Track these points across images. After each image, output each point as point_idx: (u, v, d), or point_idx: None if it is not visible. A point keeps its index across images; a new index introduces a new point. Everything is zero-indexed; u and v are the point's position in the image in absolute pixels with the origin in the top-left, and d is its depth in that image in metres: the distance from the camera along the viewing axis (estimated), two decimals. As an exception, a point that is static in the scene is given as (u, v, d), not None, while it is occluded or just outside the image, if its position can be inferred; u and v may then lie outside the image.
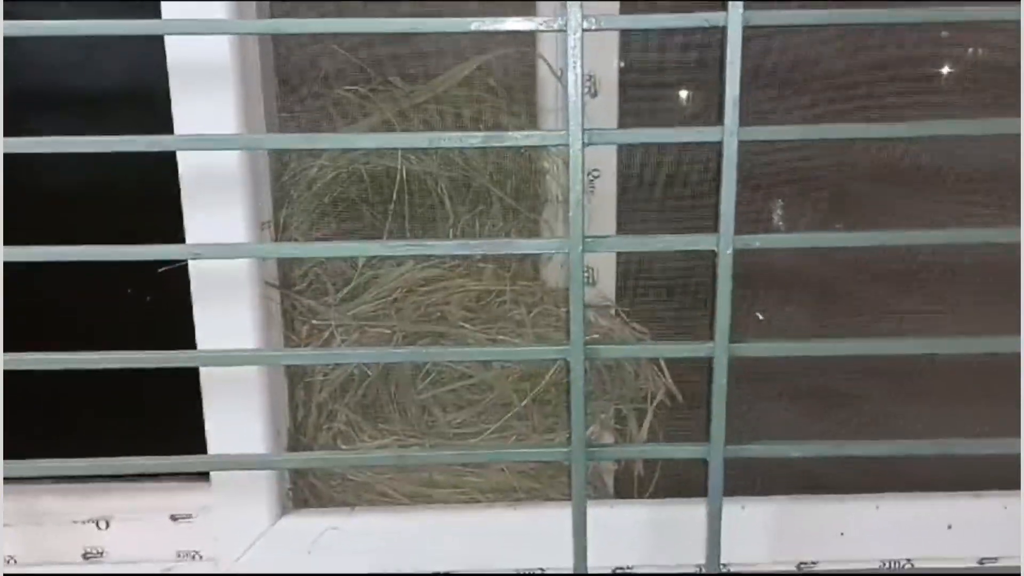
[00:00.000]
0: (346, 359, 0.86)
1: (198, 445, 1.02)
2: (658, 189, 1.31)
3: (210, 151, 0.90)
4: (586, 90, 1.21)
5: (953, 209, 1.27)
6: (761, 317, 1.34)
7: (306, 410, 1.20)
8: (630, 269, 1.33)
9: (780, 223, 1.31)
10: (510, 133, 0.70)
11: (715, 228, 0.82)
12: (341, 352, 0.81)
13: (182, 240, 0.91)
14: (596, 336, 1.20)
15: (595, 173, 1.24)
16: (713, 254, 0.81)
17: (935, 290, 1.32)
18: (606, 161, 1.25)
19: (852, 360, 1.30)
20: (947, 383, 1.28)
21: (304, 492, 1.20)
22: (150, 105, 0.92)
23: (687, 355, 0.86)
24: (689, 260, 1.35)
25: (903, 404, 1.36)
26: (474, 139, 0.71)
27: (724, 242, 0.80)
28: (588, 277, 1.26)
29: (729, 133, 0.73)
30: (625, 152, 1.24)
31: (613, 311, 1.28)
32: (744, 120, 0.70)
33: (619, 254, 1.27)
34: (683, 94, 1.25)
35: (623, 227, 1.25)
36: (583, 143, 0.71)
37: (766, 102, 1.24)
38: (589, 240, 0.73)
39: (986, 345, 0.79)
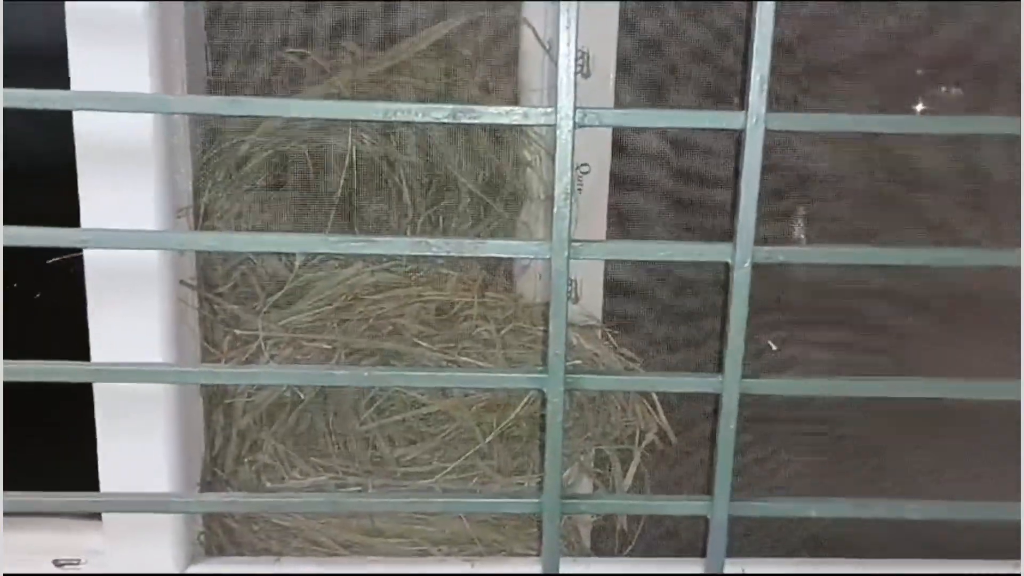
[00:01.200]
0: (273, 380, 0.80)
1: (90, 476, 0.99)
2: (659, 190, 1.27)
3: (114, 117, 0.84)
4: (577, 69, 1.20)
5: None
6: (775, 347, 1.31)
7: (225, 438, 1.17)
8: (619, 283, 1.30)
9: (801, 235, 1.28)
10: (486, 108, 0.65)
11: (729, 237, 0.78)
12: (268, 370, 0.76)
13: (78, 225, 0.89)
14: (578, 362, 1.17)
15: (584, 168, 1.21)
16: (726, 268, 0.77)
17: (984, 317, 1.30)
18: (597, 154, 1.22)
19: (882, 402, 1.27)
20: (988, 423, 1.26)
21: (219, 536, 1.17)
22: (49, 66, 0.90)
23: (690, 390, 0.82)
24: (691, 275, 1.31)
25: (935, 447, 1.32)
26: (440, 113, 0.67)
27: (741, 254, 0.76)
28: (571, 292, 1.26)
29: (754, 119, 0.69)
30: (622, 141, 1.20)
31: (599, 332, 1.25)
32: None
33: (607, 266, 1.25)
34: (697, 78, 1.21)
35: (614, 235, 1.23)
36: (574, 123, 0.66)
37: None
38: (577, 245, 0.69)
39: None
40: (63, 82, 0.84)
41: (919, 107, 1.24)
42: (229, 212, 1.12)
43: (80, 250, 0.87)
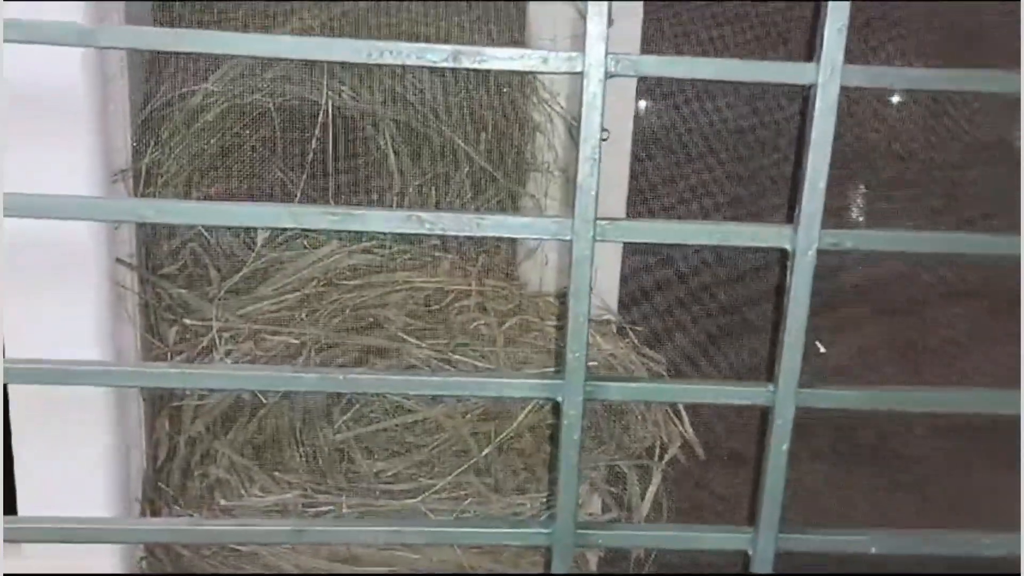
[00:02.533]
0: (229, 383, 0.75)
1: (6, 493, 0.98)
2: (692, 162, 1.25)
3: (31, 57, 0.79)
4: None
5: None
6: (822, 349, 1.28)
7: (171, 447, 1.14)
8: (640, 270, 1.30)
9: (859, 217, 1.24)
10: (495, 50, 0.59)
11: (788, 218, 0.73)
12: (222, 371, 0.71)
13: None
14: (594, 364, 1.17)
15: (603, 135, 1.16)
16: (784, 255, 0.72)
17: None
18: (617, 118, 1.20)
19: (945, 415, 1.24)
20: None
21: (163, 562, 1.15)
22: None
23: (735, 402, 0.77)
24: (723, 262, 1.31)
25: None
26: (437, 55, 0.60)
27: (805, 238, 0.71)
28: None
29: (829, 71, 0.63)
30: (650, 104, 1.20)
31: (614, 327, 1.24)
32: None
33: (626, 250, 1.24)
34: (740, 31, 1.17)
35: (635, 214, 1.24)
36: (606, 71, 0.60)
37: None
38: (604, 224, 0.64)
39: None
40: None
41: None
42: (177, 177, 1.09)
43: (-7, 220, 0.81)
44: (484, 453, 1.16)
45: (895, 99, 1.28)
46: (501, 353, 1.14)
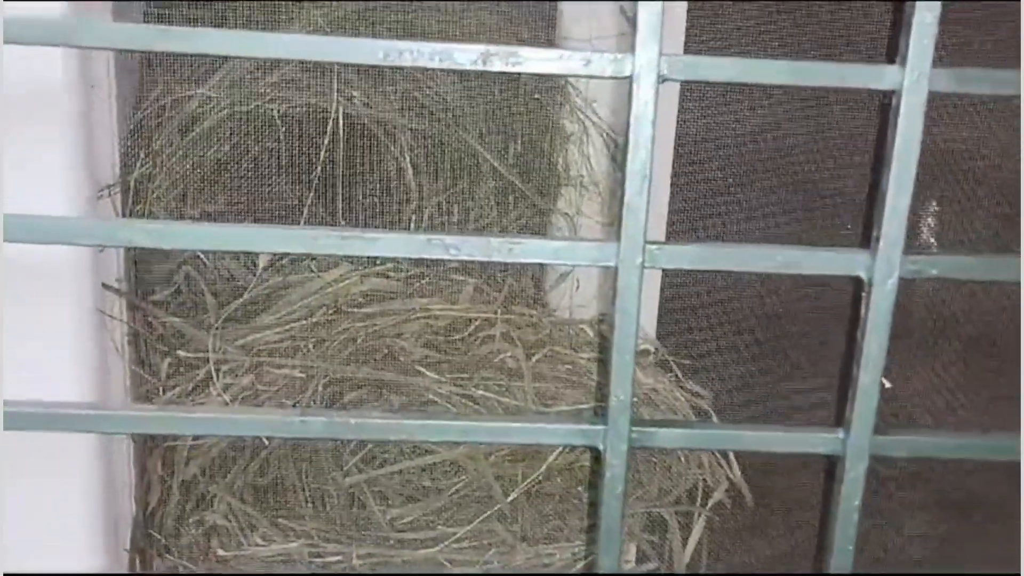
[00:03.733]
0: (216, 429, 0.71)
1: None
2: (740, 178, 1.23)
3: (6, 56, 0.77)
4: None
5: None
6: (888, 384, 1.24)
7: (163, 491, 1.12)
8: (680, 296, 1.27)
9: (932, 239, 1.21)
10: (532, 51, 0.54)
11: (864, 242, 0.68)
12: (216, 415, 0.66)
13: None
14: (632, 400, 1.09)
15: None
16: (858, 284, 0.68)
17: None
18: (658, 128, 1.15)
19: None
20: None
21: None
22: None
23: (801, 450, 0.74)
24: (775, 284, 1.28)
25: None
26: (466, 56, 0.56)
27: (885, 265, 0.65)
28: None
29: (915, 75, 0.58)
30: (693, 111, 1.16)
31: (652, 357, 1.22)
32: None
33: (665, 276, 1.23)
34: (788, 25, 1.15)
35: (674, 234, 1.22)
36: (659, 75, 0.56)
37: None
38: (653, 249, 0.59)
39: None
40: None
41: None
42: (169, 193, 1.08)
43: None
44: (510, 499, 1.13)
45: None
46: (529, 389, 1.11)
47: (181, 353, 1.08)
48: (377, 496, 1.16)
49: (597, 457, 0.59)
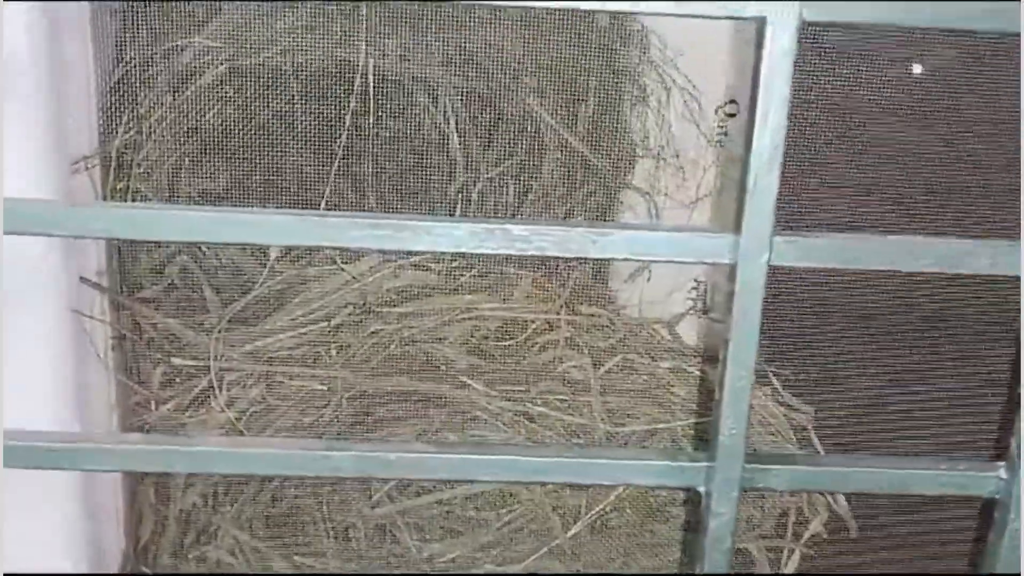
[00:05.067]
0: (218, 466, 0.70)
1: None
2: (853, 148, 1.19)
3: None
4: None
5: None
6: None
7: (158, 522, 1.10)
8: (781, 291, 1.23)
9: None
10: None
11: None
12: (212, 448, 0.64)
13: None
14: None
15: (730, 108, 1.13)
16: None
17: None
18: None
19: None
20: None
21: None
22: None
23: (949, 491, 0.67)
24: (889, 282, 1.25)
25: None
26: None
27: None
28: (696, 300, 1.23)
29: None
30: (814, 64, 1.13)
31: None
32: None
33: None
34: None
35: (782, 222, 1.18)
36: (801, 18, 0.53)
37: None
38: (781, 242, 0.58)
39: None
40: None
41: None
42: (160, 166, 1.03)
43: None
44: (570, 534, 1.10)
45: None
46: (598, 405, 1.06)
47: (177, 360, 1.05)
48: (412, 529, 1.13)
49: (699, 500, 0.62)
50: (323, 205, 1.07)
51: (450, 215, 1.09)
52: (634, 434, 1.09)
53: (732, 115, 1.12)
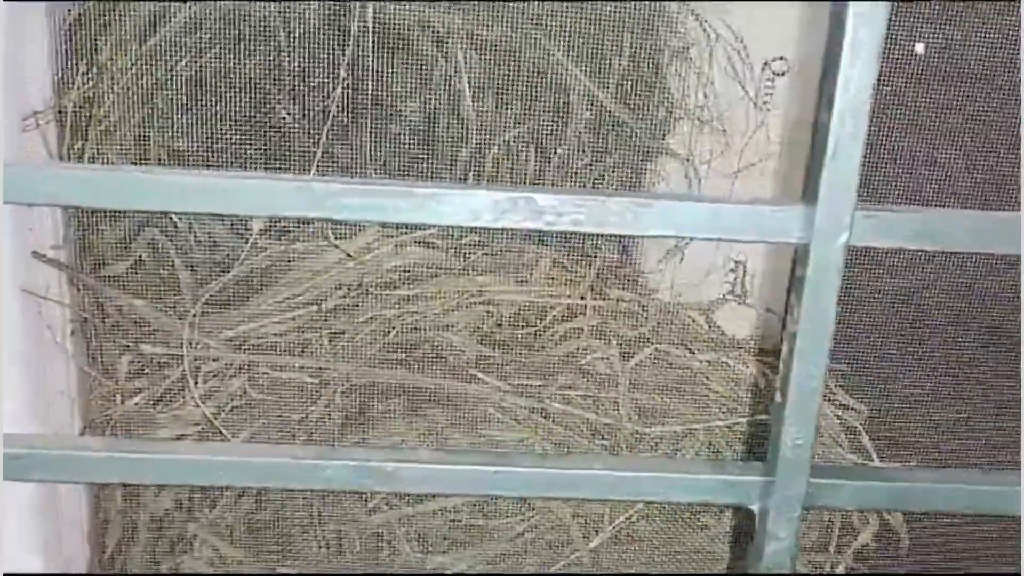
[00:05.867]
0: (189, 476, 0.68)
1: None
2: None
3: None
4: None
5: None
6: None
7: (127, 530, 1.07)
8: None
9: None
10: None
11: None
12: (182, 456, 0.62)
13: None
14: (762, 420, 1.08)
15: (779, 67, 1.11)
16: None
17: None
18: (801, 42, 1.12)
19: None
20: None
21: None
22: None
23: None
24: (951, 267, 1.21)
25: None
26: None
27: None
28: (734, 282, 1.20)
29: None
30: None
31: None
32: None
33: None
34: None
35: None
36: None
37: None
38: (864, 217, 0.57)
39: None
40: None
41: None
42: (123, 124, 0.99)
43: None
44: (594, 544, 1.08)
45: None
46: (627, 402, 1.02)
47: (146, 348, 1.02)
48: (413, 539, 1.10)
49: (753, 517, 0.61)
50: (313, 172, 1.03)
51: (457, 180, 1.06)
52: (663, 437, 1.06)
53: (781, 73, 1.08)
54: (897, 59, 1.13)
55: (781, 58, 1.09)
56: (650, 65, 1.04)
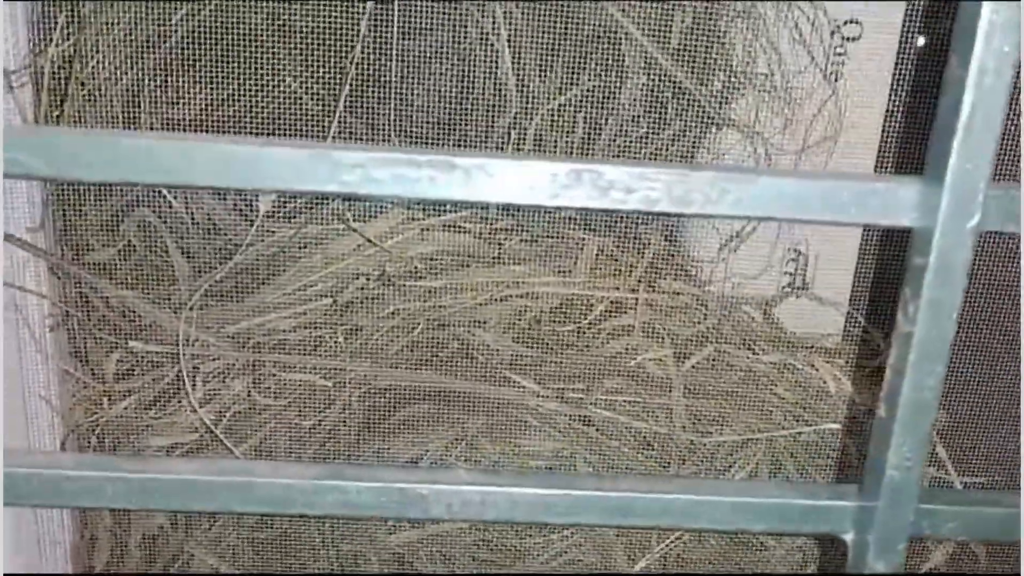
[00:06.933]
0: (189, 502, 0.62)
1: None
2: None
3: None
4: None
5: None
6: None
7: (115, 547, 1.05)
8: (887, 258, 1.17)
9: None
10: None
11: None
12: (179, 476, 0.53)
13: None
14: (807, 420, 1.04)
15: (852, 30, 1.06)
16: None
17: None
18: (874, 8, 1.08)
19: None
20: None
21: None
22: None
23: None
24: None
25: None
26: None
27: None
28: (793, 274, 1.14)
29: None
30: None
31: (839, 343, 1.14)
32: None
33: (865, 231, 1.19)
34: None
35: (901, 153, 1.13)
36: None
37: None
38: (998, 196, 0.53)
39: None
40: None
41: None
42: (111, 85, 0.95)
43: None
44: (639, 567, 1.05)
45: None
46: (680, 410, 0.98)
47: (136, 345, 0.98)
48: (437, 560, 1.07)
49: (835, 544, 0.56)
50: (330, 139, 0.98)
51: (500, 150, 0.99)
52: (719, 447, 1.03)
53: (853, 38, 1.04)
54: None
55: (854, 21, 1.04)
56: (713, 26, 0.98)
